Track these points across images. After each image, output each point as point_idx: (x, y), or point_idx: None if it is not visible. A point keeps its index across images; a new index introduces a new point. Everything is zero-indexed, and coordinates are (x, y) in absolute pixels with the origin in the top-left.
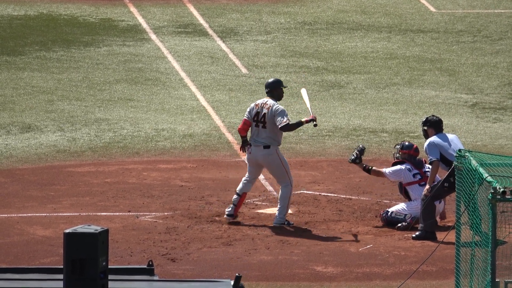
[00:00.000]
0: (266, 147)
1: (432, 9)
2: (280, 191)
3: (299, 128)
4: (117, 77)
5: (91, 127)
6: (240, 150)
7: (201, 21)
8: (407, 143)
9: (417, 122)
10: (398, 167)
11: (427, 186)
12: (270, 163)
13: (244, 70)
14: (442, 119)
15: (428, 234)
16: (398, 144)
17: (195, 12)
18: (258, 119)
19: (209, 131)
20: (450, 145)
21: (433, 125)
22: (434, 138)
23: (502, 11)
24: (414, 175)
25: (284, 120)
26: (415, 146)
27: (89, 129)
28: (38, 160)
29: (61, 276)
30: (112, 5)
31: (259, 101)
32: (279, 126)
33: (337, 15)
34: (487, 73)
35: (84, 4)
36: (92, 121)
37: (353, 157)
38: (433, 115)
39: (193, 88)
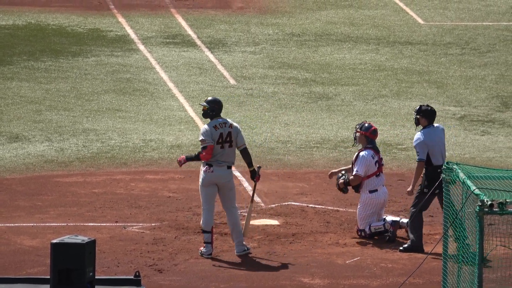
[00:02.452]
0: (229, 167)
1: (420, 21)
2: (232, 216)
3: (248, 163)
4: (105, 88)
5: (79, 137)
6: (179, 162)
7: (189, 32)
8: (367, 125)
9: (405, 134)
10: (362, 157)
11: (410, 188)
12: (229, 184)
13: (232, 81)
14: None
15: (415, 247)
16: (358, 125)
17: (183, 23)
18: (223, 139)
19: (197, 142)
20: (439, 146)
21: (426, 115)
22: (425, 137)
23: (490, 23)
24: (375, 163)
25: (244, 141)
26: (373, 128)
27: (77, 140)
28: (25, 170)
29: (48, 287)
30: (101, 16)
31: (215, 123)
32: (243, 147)
33: (326, 26)
34: (475, 85)
35: (73, 14)
36: (80, 132)
37: (342, 182)
38: (427, 105)
39: (181, 99)
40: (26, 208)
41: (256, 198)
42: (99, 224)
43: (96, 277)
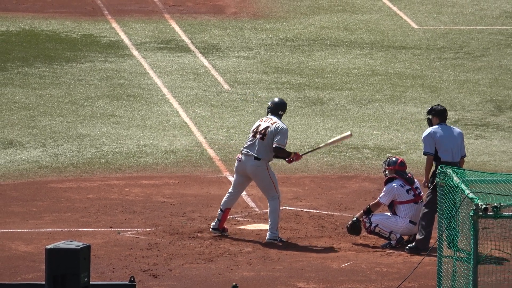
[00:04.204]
0: (257, 158)
1: (414, 25)
2: (268, 206)
3: (284, 158)
4: (99, 93)
5: (73, 143)
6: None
7: (183, 37)
8: (394, 159)
9: (399, 138)
10: (389, 186)
11: (424, 180)
12: (257, 175)
13: (226, 86)
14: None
15: (421, 247)
16: (384, 162)
17: (177, 28)
18: (257, 130)
19: (191, 147)
20: (449, 142)
21: (438, 114)
22: (434, 129)
23: (484, 27)
24: (407, 191)
25: (283, 144)
26: (400, 160)
27: (71, 145)
28: (20, 176)
29: None
30: (94, 21)
31: (264, 117)
32: (274, 145)
33: (319, 31)
34: (469, 89)
35: (66, 20)
36: (74, 137)
37: (354, 221)
38: (438, 104)
39: (175, 104)
40: (20, 214)
41: (251, 203)
42: (93, 230)
43: (91, 282)
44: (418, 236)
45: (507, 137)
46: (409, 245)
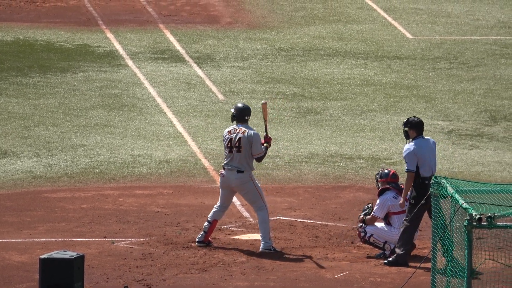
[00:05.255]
0: (240, 171)
1: (408, 35)
2: (257, 217)
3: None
4: (94, 103)
5: (67, 153)
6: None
7: (178, 47)
8: (386, 171)
9: (393, 148)
10: (382, 198)
11: (401, 200)
12: (243, 188)
13: (220, 97)
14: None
15: (400, 262)
16: (377, 174)
17: (171, 38)
18: (232, 144)
19: (186, 157)
20: (429, 157)
21: (414, 127)
22: (414, 147)
23: (479, 38)
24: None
25: (260, 151)
26: (392, 172)
27: (65, 155)
28: (14, 185)
29: None
30: (89, 31)
31: (231, 127)
32: (255, 156)
33: (314, 41)
34: (463, 100)
35: (61, 30)
36: (68, 147)
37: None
38: (414, 116)
39: (170, 114)
40: (14, 224)
41: (245, 213)
42: (87, 240)
43: None
44: (398, 251)
45: (501, 147)
46: (389, 259)
